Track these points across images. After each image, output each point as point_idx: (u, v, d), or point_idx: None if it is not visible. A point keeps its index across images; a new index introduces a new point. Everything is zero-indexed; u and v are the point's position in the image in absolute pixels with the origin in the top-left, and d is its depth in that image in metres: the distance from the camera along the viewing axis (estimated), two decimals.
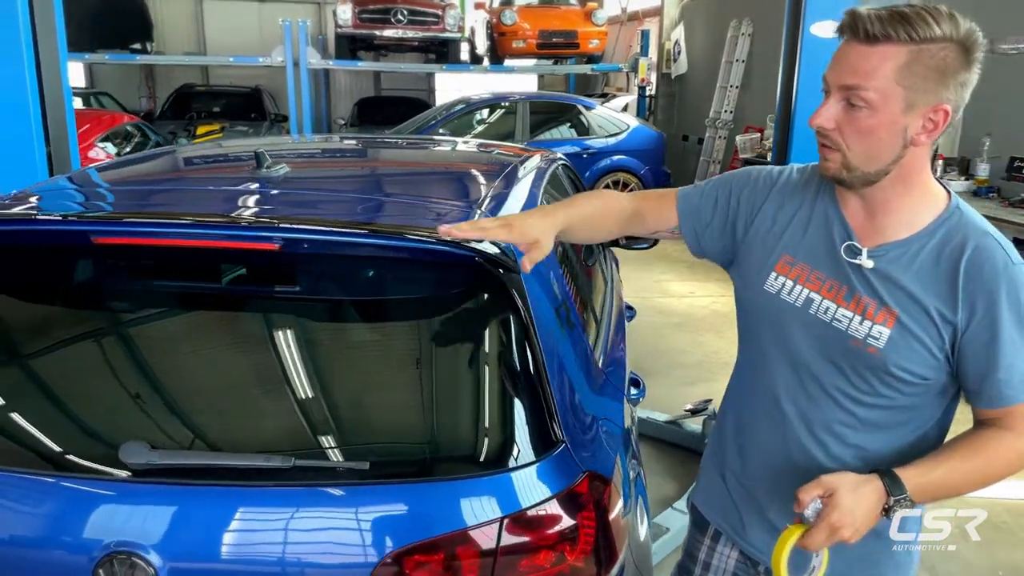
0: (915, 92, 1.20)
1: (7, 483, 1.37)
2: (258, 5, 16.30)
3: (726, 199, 1.51)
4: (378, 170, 2.23)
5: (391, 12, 11.27)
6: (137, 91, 15.87)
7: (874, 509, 1.24)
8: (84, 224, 1.46)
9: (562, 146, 9.60)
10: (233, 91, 13.47)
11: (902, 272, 1.29)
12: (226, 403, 1.47)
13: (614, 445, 1.72)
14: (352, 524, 1.35)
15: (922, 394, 1.34)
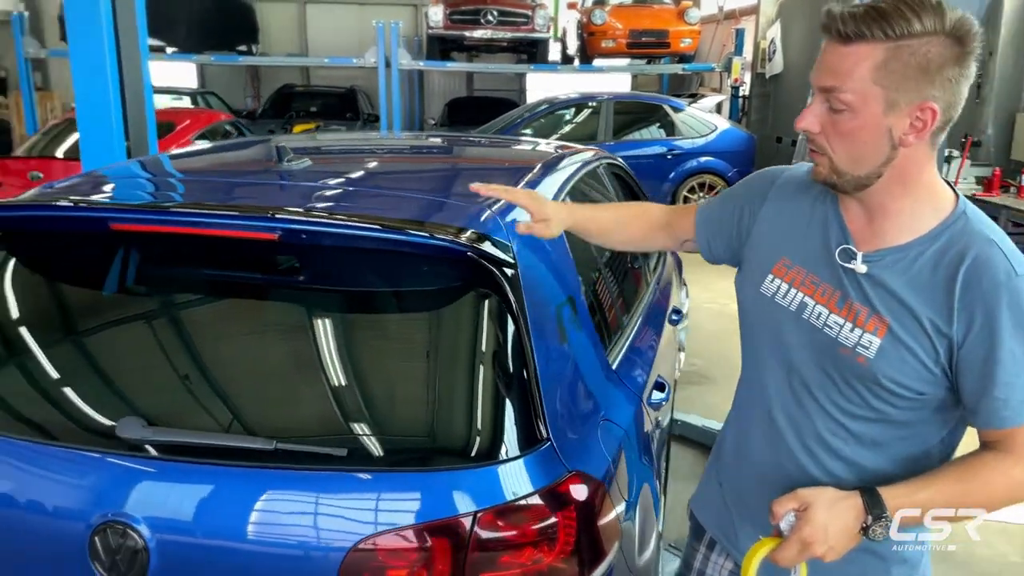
0: (896, 91, 1.14)
1: (18, 450, 1.47)
2: (358, 8, 16.80)
3: (735, 204, 1.49)
4: (401, 165, 2.26)
5: (481, 13, 11.39)
6: (243, 91, 16.65)
7: (851, 527, 1.19)
8: (97, 211, 1.55)
9: (647, 147, 9.50)
10: (329, 91, 13.93)
11: (896, 279, 1.22)
12: (220, 385, 1.53)
13: (613, 447, 1.69)
14: (327, 509, 1.38)
15: (918, 409, 1.26)
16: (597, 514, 1.55)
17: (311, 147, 2.38)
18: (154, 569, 1.38)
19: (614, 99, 9.72)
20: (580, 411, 1.65)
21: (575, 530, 1.46)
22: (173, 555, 1.38)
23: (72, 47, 3.50)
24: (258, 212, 1.48)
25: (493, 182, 1.87)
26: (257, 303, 1.60)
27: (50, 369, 1.57)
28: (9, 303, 1.65)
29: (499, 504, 1.40)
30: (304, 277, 1.58)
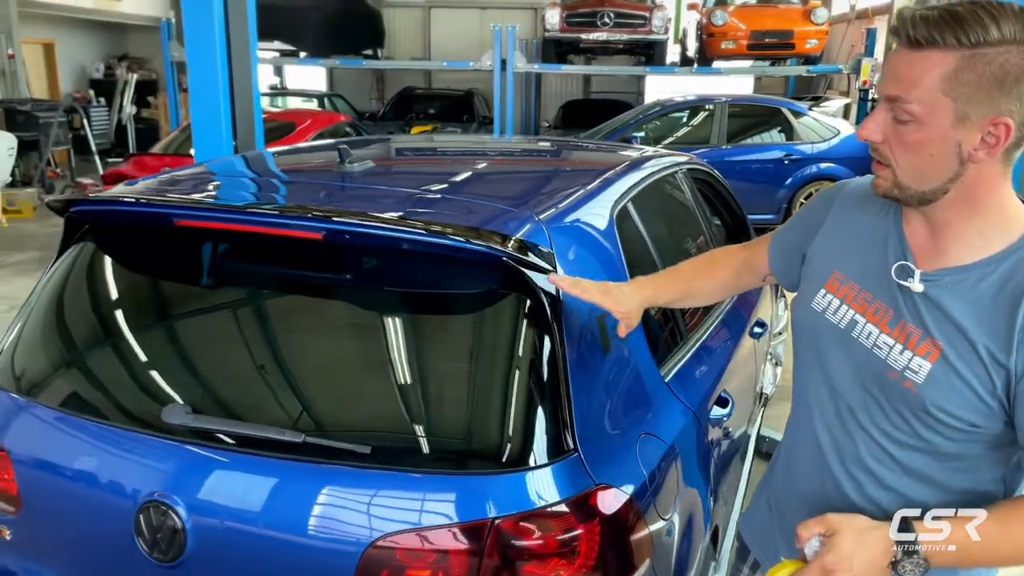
0: (967, 103, 1.05)
1: (81, 428, 1.59)
2: (480, 12, 17.09)
3: (803, 226, 1.43)
4: (460, 168, 2.28)
5: (598, 15, 11.34)
6: (368, 94, 17.27)
7: (878, 560, 1.11)
8: (161, 208, 1.65)
9: (763, 151, 9.16)
10: (448, 94, 14.24)
11: (955, 301, 1.13)
12: (259, 378, 1.59)
13: (654, 462, 1.64)
14: (349, 504, 1.41)
15: (973, 442, 1.16)
16: (626, 529, 1.51)
17: (409, 148, 2.43)
18: (190, 550, 1.46)
19: (730, 102, 9.42)
20: (617, 423, 1.61)
21: (599, 544, 1.43)
22: (208, 537, 1.46)
23: (189, 54, 3.74)
24: (302, 212, 1.53)
25: (551, 187, 1.87)
26: (301, 300, 1.66)
27: (113, 355, 1.69)
28: (87, 291, 1.78)
29: (519, 512, 1.39)
30: (346, 276, 1.62)
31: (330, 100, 13.75)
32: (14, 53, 12.42)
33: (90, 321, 1.76)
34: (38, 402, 1.67)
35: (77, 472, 1.57)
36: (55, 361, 1.75)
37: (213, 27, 3.63)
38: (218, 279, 1.72)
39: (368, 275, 1.60)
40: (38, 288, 1.84)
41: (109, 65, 16.19)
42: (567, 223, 1.75)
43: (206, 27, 3.64)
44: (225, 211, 1.59)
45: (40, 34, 14.58)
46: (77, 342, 1.76)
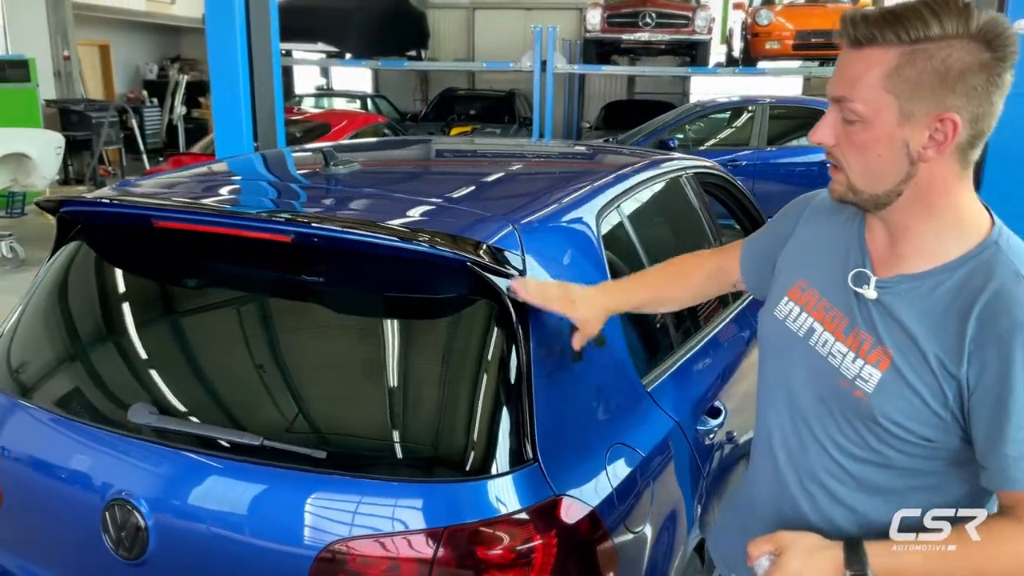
0: (910, 100, 1.03)
1: (57, 425, 1.63)
2: (524, 13, 17.08)
3: (774, 234, 1.41)
4: (448, 170, 2.27)
5: (639, 15, 11.22)
6: (412, 95, 17.40)
7: None
8: (140, 209, 1.68)
9: (803, 154, 8.96)
10: (489, 95, 14.26)
11: (908, 309, 1.10)
12: (223, 380, 1.61)
13: (624, 473, 1.61)
14: (304, 508, 1.41)
15: (930, 458, 1.12)
16: (587, 541, 1.48)
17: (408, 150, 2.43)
18: (153, 548, 1.47)
19: (771, 104, 9.24)
20: (584, 433, 1.58)
21: (556, 555, 1.40)
22: (169, 537, 1.47)
23: (211, 57, 3.81)
24: (268, 215, 1.54)
25: (535, 191, 1.84)
26: (271, 304, 1.67)
27: (90, 353, 1.73)
28: (71, 290, 1.82)
29: (473, 521, 1.37)
30: (315, 280, 1.62)
31: (373, 101, 13.88)
32: (69, 55, 12.82)
33: (72, 320, 1.80)
34: (20, 399, 1.71)
35: (51, 468, 1.61)
36: (37, 359, 1.79)
37: (235, 30, 3.69)
38: (193, 281, 1.74)
39: (335, 279, 1.60)
40: (31, 286, 1.88)
41: (162, 66, 16.61)
42: (544, 228, 1.72)
43: (228, 30, 3.70)
44: (198, 213, 1.60)
45: (96, 36, 15.04)
46: (58, 340, 1.80)
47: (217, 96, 3.85)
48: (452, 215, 1.67)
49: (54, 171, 8.02)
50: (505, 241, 1.56)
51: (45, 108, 11.71)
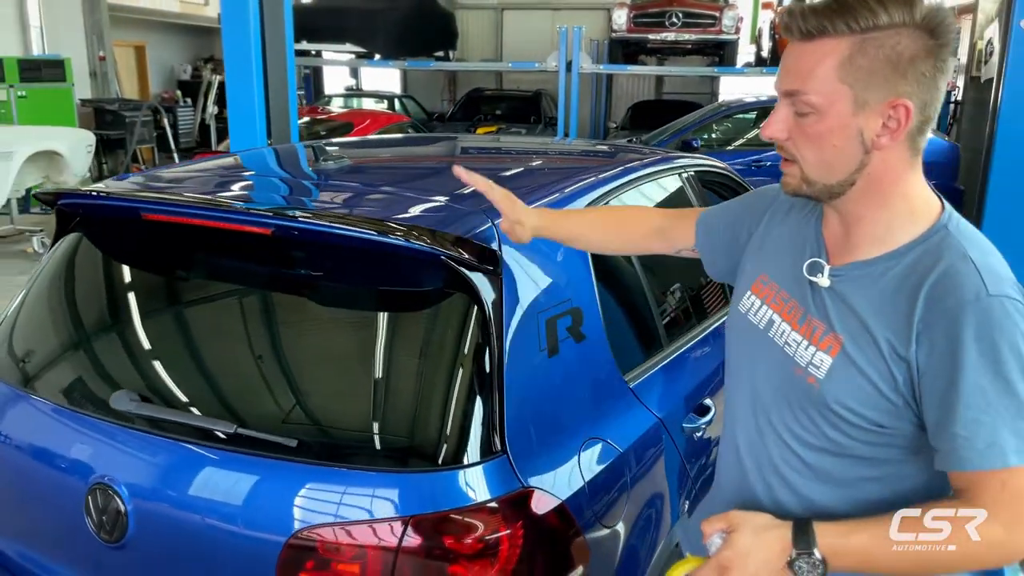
0: (864, 88, 1.05)
1: (45, 410, 1.68)
2: (551, 13, 17.08)
3: (735, 219, 1.42)
4: (436, 166, 2.29)
5: (666, 15, 11.16)
6: (440, 95, 17.49)
7: (776, 560, 1.08)
8: (128, 202, 1.72)
9: None
10: (516, 95, 14.28)
11: (858, 295, 1.12)
12: (202, 370, 1.64)
13: (598, 467, 1.61)
14: (274, 496, 1.44)
15: (886, 446, 1.12)
16: (555, 534, 1.49)
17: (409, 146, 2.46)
18: (132, 532, 1.51)
19: None
20: (557, 427, 1.58)
21: (522, 547, 1.41)
22: (147, 521, 1.50)
23: (226, 55, 3.88)
24: (246, 208, 1.56)
25: (521, 187, 1.86)
26: (253, 296, 1.70)
27: (78, 341, 1.78)
28: (66, 280, 1.87)
29: (436, 512, 1.38)
30: (294, 272, 1.65)
31: (400, 101, 13.97)
32: (105, 55, 13.10)
33: (63, 309, 1.85)
34: (15, 386, 1.76)
35: (39, 452, 1.66)
36: (33, 347, 1.84)
37: (249, 30, 3.75)
38: (178, 272, 1.78)
39: (314, 271, 1.63)
40: (31, 276, 1.94)
41: (196, 67, 16.89)
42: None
43: (242, 29, 3.76)
44: (180, 206, 1.64)
45: (132, 37, 15.35)
46: (51, 329, 1.85)
47: (232, 93, 3.92)
48: (433, 209, 1.68)
49: (85, 168, 8.21)
50: (483, 236, 1.57)
51: (80, 107, 11.98)
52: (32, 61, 11.19)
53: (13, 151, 7.25)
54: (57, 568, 1.67)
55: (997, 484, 1.00)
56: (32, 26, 11.90)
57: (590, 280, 1.81)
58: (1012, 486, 1.00)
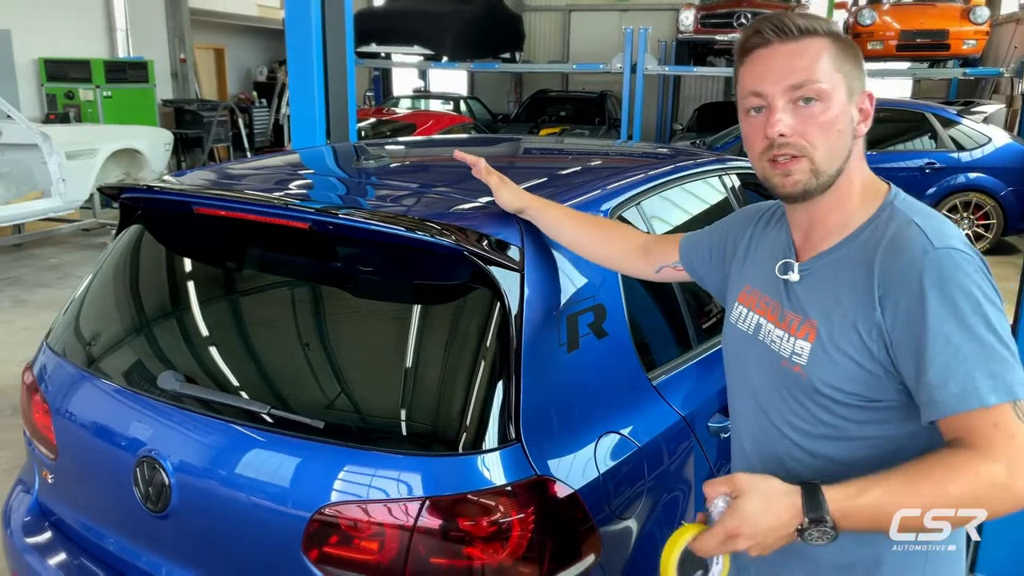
0: (851, 78, 1.18)
1: (101, 387, 1.81)
2: (619, 14, 17.04)
3: (721, 232, 1.51)
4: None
5: (734, 16, 11.04)
6: (506, 96, 17.63)
7: (785, 526, 1.04)
8: (182, 196, 1.84)
9: (900, 159, 8.61)
10: (580, 97, 14.30)
11: (825, 281, 1.20)
12: (242, 353, 1.75)
13: (614, 461, 1.65)
14: (301, 473, 1.53)
15: (880, 422, 1.16)
16: (567, 522, 1.54)
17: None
18: (174, 503, 1.63)
19: None
20: (573, 419, 1.63)
21: (532, 532, 1.47)
22: (189, 493, 1.62)
23: (289, 58, 4.03)
24: (284, 203, 1.66)
25: (550, 187, 1.91)
26: (290, 286, 1.80)
27: (133, 325, 1.92)
28: (126, 268, 2.01)
29: (450, 494, 1.45)
30: (330, 264, 1.75)
31: (466, 103, 14.15)
32: (185, 57, 13.66)
33: (121, 294, 1.99)
34: (78, 365, 1.90)
35: (94, 426, 1.79)
36: (94, 330, 1.99)
37: (311, 33, 3.90)
38: (225, 262, 1.90)
39: (347, 264, 1.72)
40: (95, 264, 2.09)
41: (271, 69, 17.43)
42: None
43: (304, 33, 3.91)
44: (226, 201, 1.74)
45: (212, 40, 15.95)
46: (107, 312, 1.99)
47: (295, 94, 4.07)
48: (463, 207, 1.76)
49: (163, 166, 8.60)
50: (507, 233, 1.63)
51: (161, 107, 12.54)
52: (117, 63, 11.77)
53: (97, 149, 7.66)
54: (108, 534, 1.80)
55: (989, 426, 1.02)
56: (118, 29, 12.49)
57: (615, 278, 1.85)
58: (1004, 426, 1.01)
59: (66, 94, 11.30)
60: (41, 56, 11.32)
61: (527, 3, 18.04)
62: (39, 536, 1.96)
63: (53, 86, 11.34)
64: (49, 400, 1.90)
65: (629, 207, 2.01)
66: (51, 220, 8.14)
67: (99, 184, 7.96)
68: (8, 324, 5.85)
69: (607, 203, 1.94)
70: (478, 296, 1.57)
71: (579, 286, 1.74)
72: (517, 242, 1.63)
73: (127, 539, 1.78)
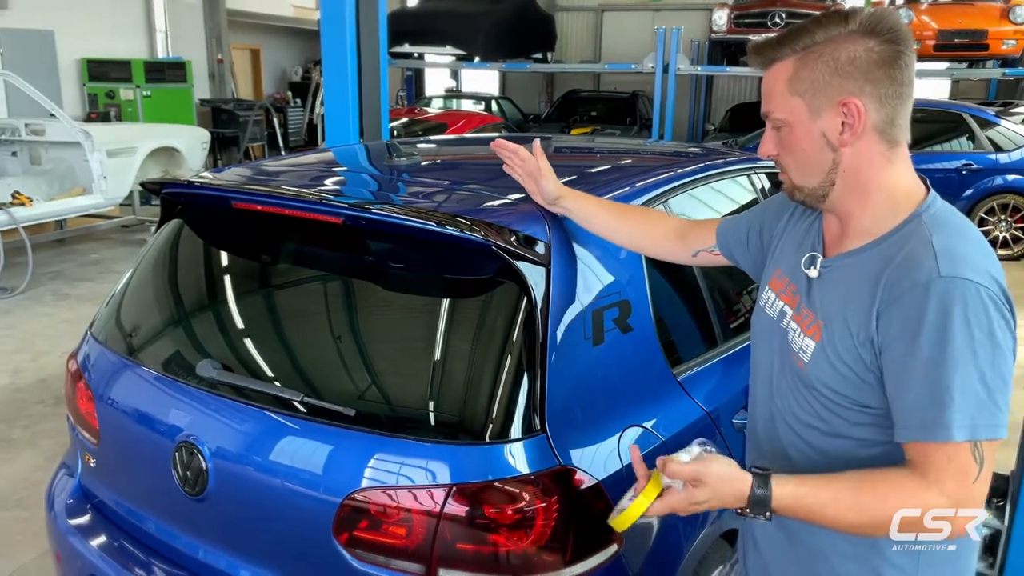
0: (814, 96, 1.18)
1: (142, 374, 1.88)
2: (652, 14, 16.98)
3: (757, 216, 1.55)
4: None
5: (768, 15, 10.96)
6: (538, 96, 17.66)
7: (728, 504, 1.17)
8: (221, 191, 1.91)
9: (936, 161, 8.49)
10: (612, 97, 14.28)
11: (838, 284, 1.22)
12: (278, 343, 1.81)
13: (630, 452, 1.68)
14: (332, 459, 1.58)
15: (875, 426, 1.19)
16: (591, 512, 1.57)
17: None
18: (211, 487, 1.69)
19: None
20: (597, 412, 1.66)
21: (556, 520, 1.50)
22: (224, 479, 1.68)
23: (324, 58, 4.12)
24: (317, 198, 1.72)
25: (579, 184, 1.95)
26: (324, 279, 1.85)
27: (172, 314, 1.99)
28: (165, 261, 2.08)
29: (476, 482, 1.49)
30: (361, 258, 1.80)
31: (497, 103, 14.21)
32: (223, 58, 13.88)
33: (161, 285, 2.06)
34: (120, 353, 1.98)
35: (135, 412, 1.86)
36: (135, 320, 2.06)
37: (345, 34, 3.97)
38: (261, 255, 1.96)
39: (378, 258, 1.77)
40: (137, 257, 2.16)
41: (306, 69, 17.67)
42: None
43: (339, 34, 3.99)
44: (263, 196, 1.80)
45: (248, 41, 16.21)
46: (148, 302, 2.07)
47: (329, 93, 4.15)
48: (491, 203, 1.80)
49: (200, 164, 8.78)
50: (534, 229, 1.67)
51: (199, 107, 12.77)
52: (157, 63, 12.01)
53: (137, 147, 7.84)
54: (148, 517, 1.87)
55: (943, 458, 1.06)
56: (158, 30, 12.75)
57: (642, 275, 1.88)
58: (958, 461, 1.05)
59: (107, 93, 11.57)
60: (83, 56, 11.60)
61: (559, 3, 18.04)
62: (81, 518, 2.04)
63: (95, 86, 11.62)
64: (92, 387, 1.98)
65: (657, 204, 2.03)
66: (92, 216, 8.34)
67: (139, 181, 8.16)
68: (50, 317, 6.02)
69: (635, 200, 1.96)
70: (505, 290, 1.61)
71: (605, 282, 1.77)
72: (544, 238, 1.66)
73: (165, 522, 1.84)
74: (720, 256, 1.60)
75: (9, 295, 6.43)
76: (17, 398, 4.48)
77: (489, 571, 1.49)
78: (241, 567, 1.70)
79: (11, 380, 4.73)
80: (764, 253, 1.49)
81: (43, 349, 5.24)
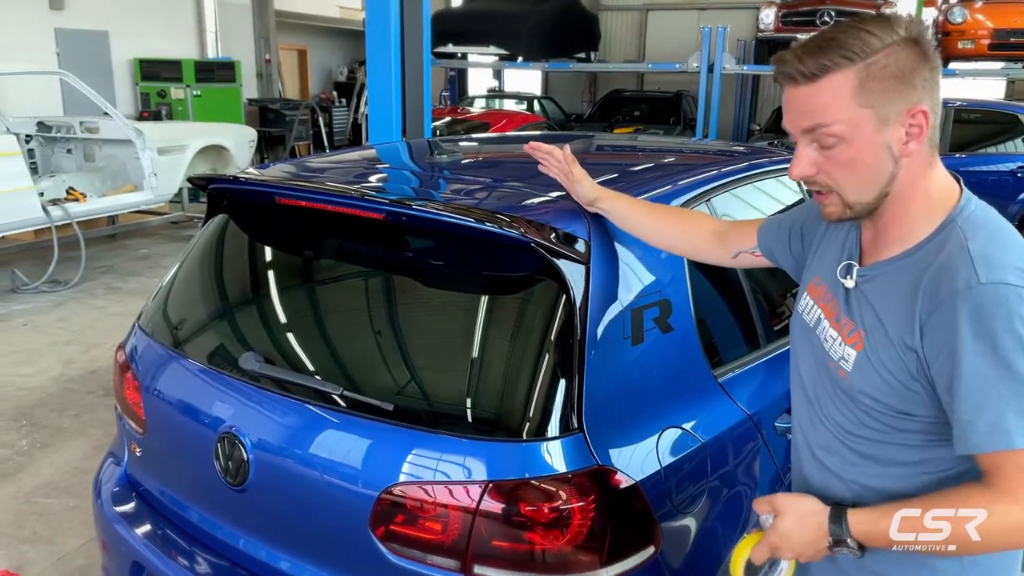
0: (884, 106, 1.12)
1: (186, 366, 1.92)
2: (698, 13, 16.80)
3: (796, 217, 1.53)
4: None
5: (817, 14, 10.76)
6: (580, 96, 17.60)
7: (818, 541, 1.19)
8: (265, 187, 1.93)
9: (990, 162, 8.27)
10: (655, 96, 14.17)
11: (877, 293, 1.20)
12: (319, 337, 1.82)
13: (677, 455, 1.66)
14: (371, 453, 1.59)
15: (917, 432, 1.18)
16: (628, 513, 1.56)
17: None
18: (252, 478, 1.71)
19: (956, 107, 8.56)
20: (636, 412, 1.65)
21: (592, 520, 1.49)
22: (265, 470, 1.70)
23: (369, 59, 4.17)
24: (360, 194, 1.73)
25: (620, 182, 1.93)
26: (366, 275, 1.87)
27: (217, 308, 2.03)
28: (211, 255, 2.11)
29: (513, 479, 1.49)
30: (403, 254, 1.81)
31: (540, 102, 14.19)
32: (270, 58, 14.11)
33: (207, 279, 2.10)
34: (167, 345, 2.02)
35: (180, 403, 1.90)
36: (181, 313, 2.10)
37: (389, 35, 4.01)
38: (304, 250, 1.98)
39: (419, 254, 1.78)
40: (184, 251, 2.21)
41: (352, 69, 17.85)
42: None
43: (383, 35, 4.03)
44: (306, 192, 1.82)
45: (295, 41, 16.44)
46: (194, 296, 2.11)
47: (373, 92, 4.19)
48: (531, 201, 1.79)
49: (247, 162, 8.92)
50: (574, 227, 1.66)
51: (247, 106, 12.99)
52: (206, 63, 12.26)
53: (186, 145, 8.00)
54: (191, 506, 1.91)
55: (1014, 467, 1.04)
56: (208, 31, 13.01)
57: (683, 274, 1.86)
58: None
59: (158, 92, 11.85)
60: (136, 56, 11.89)
61: (603, 3, 17.95)
62: (126, 506, 2.09)
63: (147, 85, 11.91)
64: (139, 378, 2.02)
65: (699, 203, 2.01)
66: (142, 212, 8.55)
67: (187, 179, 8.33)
68: (101, 310, 6.18)
69: (677, 199, 1.94)
70: (545, 288, 1.60)
71: (645, 281, 1.76)
72: (584, 236, 1.65)
73: (207, 511, 1.87)
74: (761, 257, 1.58)
75: (63, 288, 6.61)
76: (68, 388, 4.62)
77: (524, 569, 1.48)
78: (280, 558, 1.73)
79: (63, 370, 4.87)
80: (805, 255, 1.46)
81: (94, 341, 5.39)
